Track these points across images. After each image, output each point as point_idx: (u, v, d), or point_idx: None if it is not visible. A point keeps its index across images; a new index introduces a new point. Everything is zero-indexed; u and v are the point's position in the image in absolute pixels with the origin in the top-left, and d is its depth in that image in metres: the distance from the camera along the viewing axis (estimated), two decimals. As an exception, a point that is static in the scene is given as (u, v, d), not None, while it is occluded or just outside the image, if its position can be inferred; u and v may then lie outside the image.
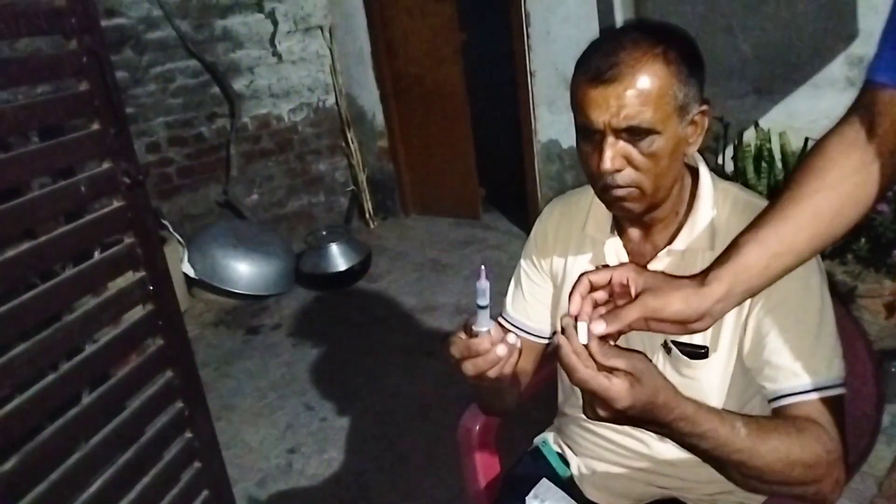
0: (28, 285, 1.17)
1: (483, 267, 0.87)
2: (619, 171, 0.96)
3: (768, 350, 0.96)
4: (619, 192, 0.99)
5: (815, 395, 0.92)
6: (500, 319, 1.28)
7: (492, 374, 0.89)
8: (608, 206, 1.05)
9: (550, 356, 1.29)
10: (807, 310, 0.96)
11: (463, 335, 0.91)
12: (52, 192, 1.21)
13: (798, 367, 0.93)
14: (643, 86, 0.92)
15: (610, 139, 0.95)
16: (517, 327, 1.25)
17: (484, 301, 0.86)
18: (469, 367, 0.88)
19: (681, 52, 0.95)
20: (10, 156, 1.15)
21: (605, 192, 1.01)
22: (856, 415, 1.22)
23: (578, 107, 0.97)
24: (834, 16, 2.77)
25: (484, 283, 0.85)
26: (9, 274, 1.10)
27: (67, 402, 1.22)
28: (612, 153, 0.95)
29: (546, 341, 1.26)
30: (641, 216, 1.06)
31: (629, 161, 0.96)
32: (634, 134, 0.94)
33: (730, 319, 1.01)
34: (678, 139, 0.97)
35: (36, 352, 1.13)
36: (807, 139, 2.75)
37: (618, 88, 0.92)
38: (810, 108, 2.92)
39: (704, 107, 1.00)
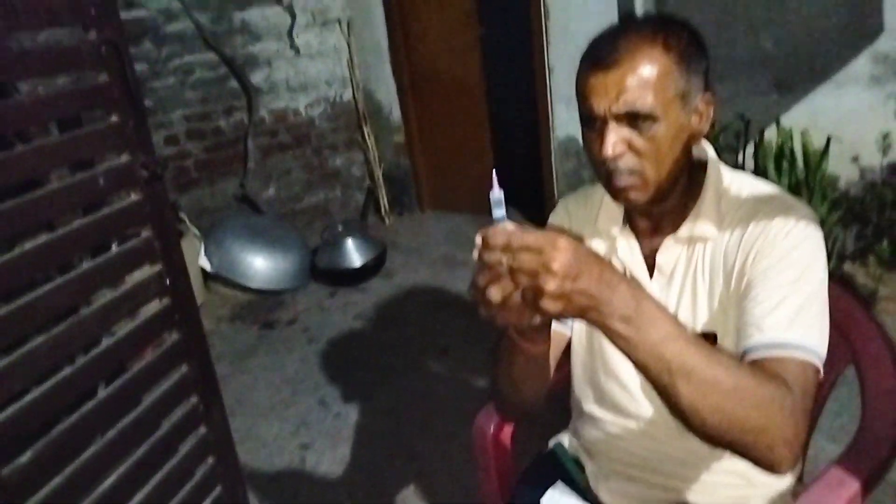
0: (46, 278, 1.18)
1: (494, 172, 0.84)
2: (620, 156, 0.97)
3: (745, 313, 0.95)
4: (623, 182, 0.99)
5: (775, 352, 0.88)
6: None
7: (516, 296, 0.78)
8: (613, 197, 1.04)
9: (568, 349, 1.27)
10: (782, 273, 0.94)
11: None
12: (70, 185, 1.21)
13: (762, 323, 0.91)
14: (642, 72, 0.94)
15: (611, 125, 0.96)
16: None
17: (500, 212, 0.82)
18: (494, 293, 0.77)
19: (681, 41, 0.97)
20: (29, 148, 1.15)
21: (608, 180, 1.01)
22: (878, 422, 1.20)
23: (581, 95, 0.99)
24: (858, 11, 2.72)
25: (498, 193, 0.81)
26: (27, 267, 1.10)
27: (84, 396, 1.23)
28: (614, 139, 0.96)
29: (568, 333, 1.24)
30: (649, 208, 1.06)
31: (631, 147, 0.97)
32: (635, 119, 0.95)
33: (735, 301, 1.00)
34: (680, 126, 0.98)
35: (53, 345, 1.13)
36: (829, 138, 2.71)
37: (616, 74, 0.94)
38: (833, 106, 2.88)
39: (708, 95, 1.01)
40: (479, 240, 0.76)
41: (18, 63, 1.18)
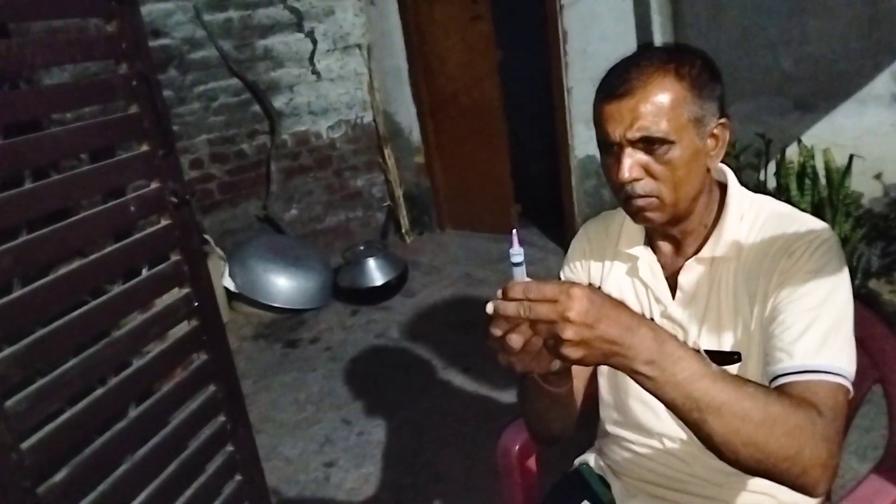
0: (79, 302, 1.21)
1: (514, 232, 0.86)
2: (637, 180, 1.00)
3: (773, 338, 0.96)
4: (640, 202, 1.02)
5: (806, 377, 0.89)
6: None
7: (535, 342, 0.80)
8: (632, 218, 1.07)
9: (594, 373, 1.28)
10: (808, 296, 0.95)
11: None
12: (102, 212, 1.25)
13: (791, 349, 0.92)
14: (655, 98, 0.98)
15: (627, 150, 1.00)
16: None
17: (519, 258, 0.84)
18: (514, 339, 0.78)
19: (693, 69, 1.00)
20: (63, 177, 1.19)
21: (627, 202, 1.04)
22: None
23: (598, 124, 1.03)
24: (877, 30, 2.72)
25: (517, 249, 0.85)
26: (61, 292, 1.14)
27: (115, 416, 1.26)
28: (630, 163, 1.00)
29: None
30: (668, 228, 1.09)
31: (647, 171, 1.00)
32: (650, 143, 0.99)
33: (760, 325, 1.01)
34: (695, 150, 1.01)
35: (86, 367, 1.16)
36: (851, 156, 2.70)
37: (630, 102, 0.98)
38: (854, 124, 2.87)
39: (723, 120, 1.04)
40: (499, 293, 0.79)
41: (53, 96, 1.22)
